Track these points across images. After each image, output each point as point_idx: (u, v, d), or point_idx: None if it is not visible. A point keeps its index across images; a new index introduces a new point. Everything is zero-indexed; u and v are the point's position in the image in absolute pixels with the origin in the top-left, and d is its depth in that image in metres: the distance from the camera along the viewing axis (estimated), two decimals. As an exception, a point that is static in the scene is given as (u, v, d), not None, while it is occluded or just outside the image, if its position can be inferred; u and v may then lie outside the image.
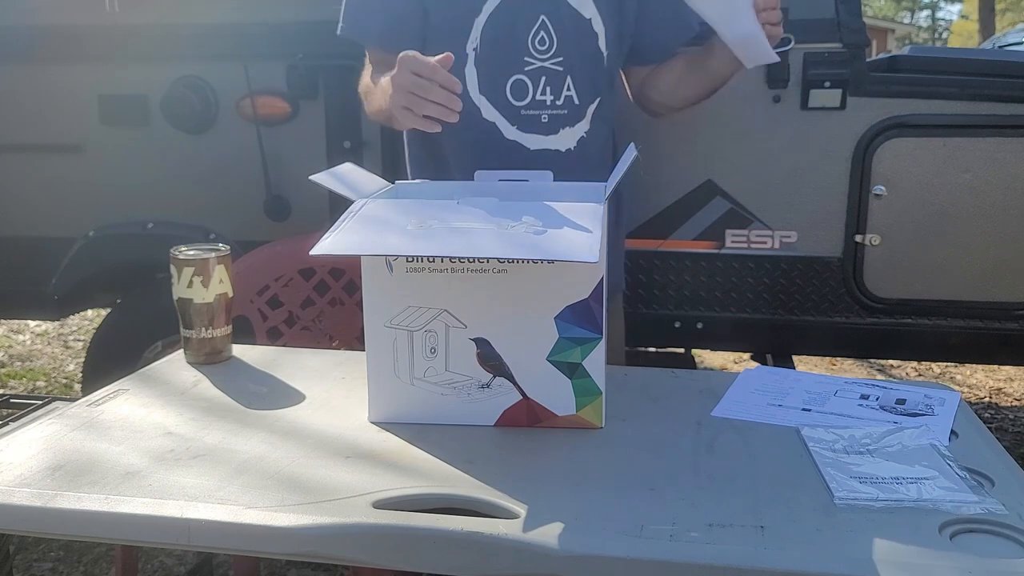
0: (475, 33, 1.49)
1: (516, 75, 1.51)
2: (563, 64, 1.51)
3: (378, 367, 1.10)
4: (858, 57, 2.03)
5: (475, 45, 1.49)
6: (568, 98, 1.53)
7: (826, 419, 1.12)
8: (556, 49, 1.50)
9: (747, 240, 2.13)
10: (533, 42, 1.50)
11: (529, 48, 1.50)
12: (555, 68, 1.51)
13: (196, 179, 2.30)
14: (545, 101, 1.52)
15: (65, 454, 1.00)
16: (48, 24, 2.34)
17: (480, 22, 1.49)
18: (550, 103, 1.53)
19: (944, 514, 0.86)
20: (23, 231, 2.42)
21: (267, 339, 1.89)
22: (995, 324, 2.11)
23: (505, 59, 1.50)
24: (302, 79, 2.20)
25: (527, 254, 0.98)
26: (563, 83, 1.52)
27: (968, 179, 2.03)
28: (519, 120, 1.52)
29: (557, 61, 1.51)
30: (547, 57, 1.50)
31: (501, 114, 1.52)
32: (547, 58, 1.50)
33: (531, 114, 1.52)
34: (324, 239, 0.98)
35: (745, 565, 0.78)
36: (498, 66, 1.51)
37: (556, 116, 1.53)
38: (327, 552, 0.85)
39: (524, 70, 1.50)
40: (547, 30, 1.50)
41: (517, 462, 1.00)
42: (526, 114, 1.52)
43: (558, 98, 1.53)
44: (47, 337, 4.35)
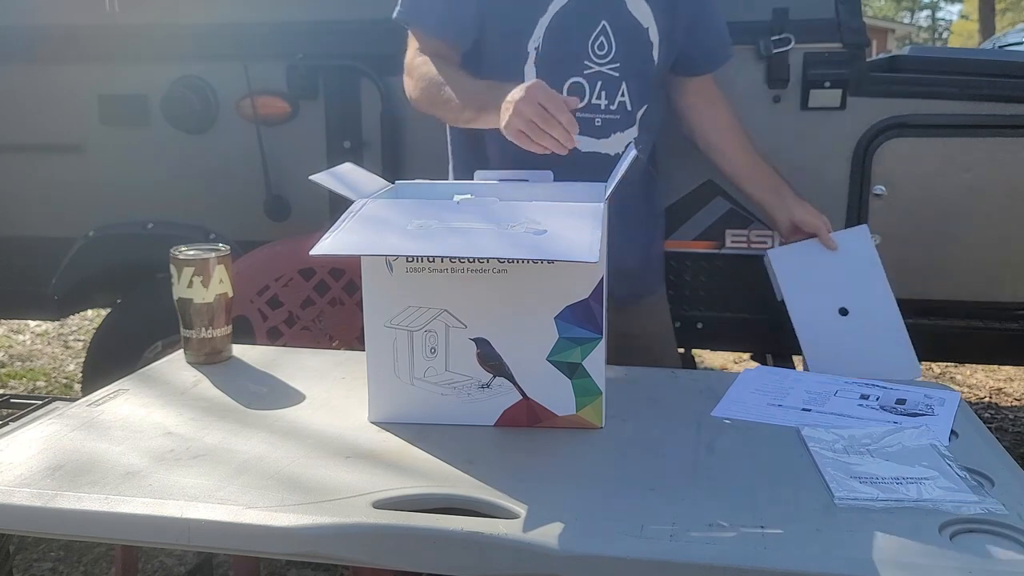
0: (538, 32, 1.49)
1: (575, 77, 1.52)
2: (619, 70, 1.53)
3: (378, 367, 1.10)
4: (858, 57, 2.03)
5: (537, 44, 1.50)
6: (621, 104, 1.55)
7: (826, 419, 1.12)
8: (614, 55, 1.52)
9: (747, 240, 2.13)
10: (593, 46, 1.51)
11: (589, 52, 1.51)
12: (612, 73, 1.53)
13: (196, 179, 2.30)
14: (600, 105, 1.54)
15: (65, 454, 1.00)
16: (48, 24, 2.34)
17: (544, 22, 1.49)
18: (604, 107, 1.54)
19: (944, 514, 0.86)
20: (23, 231, 2.42)
21: (267, 339, 1.89)
22: (995, 324, 2.11)
23: (565, 61, 1.51)
24: (302, 79, 2.20)
25: (527, 254, 0.98)
26: (618, 89, 1.54)
27: (968, 179, 2.03)
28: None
29: (614, 67, 1.53)
30: (605, 62, 1.52)
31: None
32: (605, 63, 1.52)
33: (585, 117, 1.53)
34: (324, 239, 0.98)
35: (745, 565, 0.78)
36: (558, 67, 1.51)
37: (609, 121, 1.55)
38: (327, 552, 0.85)
39: (583, 73, 1.52)
40: (607, 35, 1.51)
41: (517, 462, 1.00)
42: (581, 117, 1.51)
43: (612, 103, 1.55)
44: (47, 337, 4.35)
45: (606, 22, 1.51)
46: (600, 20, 1.50)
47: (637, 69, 1.55)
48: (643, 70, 1.57)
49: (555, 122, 1.23)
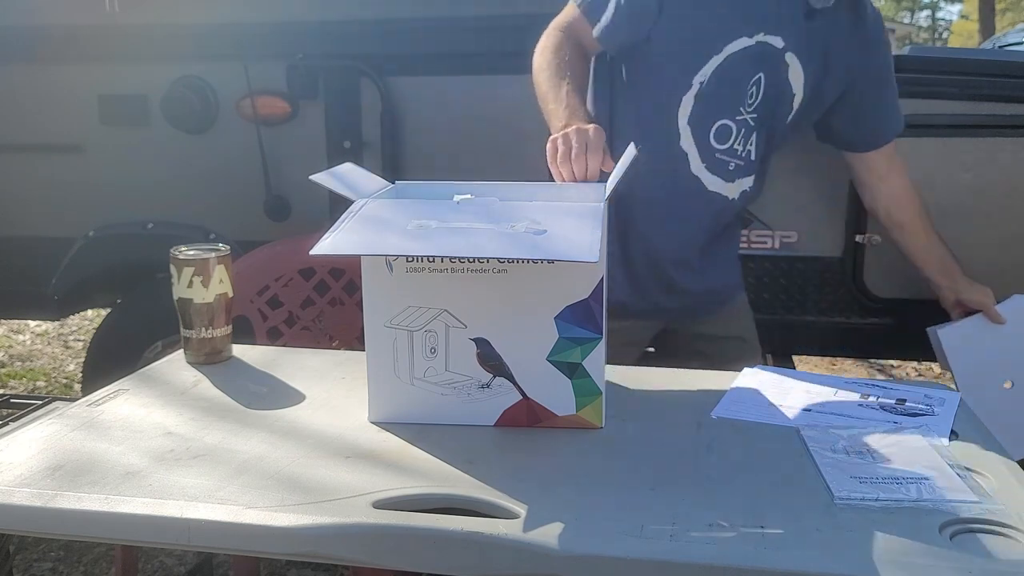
0: (707, 69, 1.52)
1: (726, 119, 1.55)
2: (757, 120, 1.57)
3: (378, 367, 1.10)
4: (858, 57, 2.03)
5: (703, 79, 1.52)
6: (749, 152, 1.59)
7: (826, 419, 1.12)
8: (757, 105, 1.56)
9: (747, 240, 2.13)
10: (747, 94, 1.54)
11: (745, 98, 1.54)
12: (751, 123, 1.57)
13: (196, 179, 2.30)
14: (738, 151, 1.58)
15: (65, 454, 1.00)
16: (48, 24, 2.34)
17: (716, 61, 1.51)
18: (740, 153, 1.58)
19: (944, 514, 0.86)
20: (23, 231, 2.42)
21: (267, 339, 1.89)
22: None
23: (723, 102, 1.54)
24: (302, 79, 2.20)
25: (527, 254, 0.98)
26: (751, 137, 1.58)
27: (968, 179, 2.03)
28: (711, 160, 1.57)
29: (754, 116, 1.56)
30: (750, 111, 1.56)
31: (698, 149, 1.56)
32: (750, 112, 1.56)
33: (723, 159, 1.57)
34: (324, 239, 0.98)
35: (745, 565, 0.78)
36: (715, 106, 1.54)
37: (739, 167, 1.60)
38: (327, 552, 0.85)
39: (735, 118, 1.55)
40: (758, 87, 1.55)
41: (517, 462, 1.00)
42: (720, 157, 1.57)
43: (743, 149, 1.59)
44: (47, 337, 4.35)
45: (763, 74, 1.54)
46: (759, 72, 1.53)
47: (771, 124, 1.60)
48: (775, 127, 1.62)
49: (583, 164, 1.25)
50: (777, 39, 1.52)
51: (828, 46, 1.57)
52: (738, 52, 1.51)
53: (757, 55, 1.52)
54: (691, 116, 1.54)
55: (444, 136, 2.14)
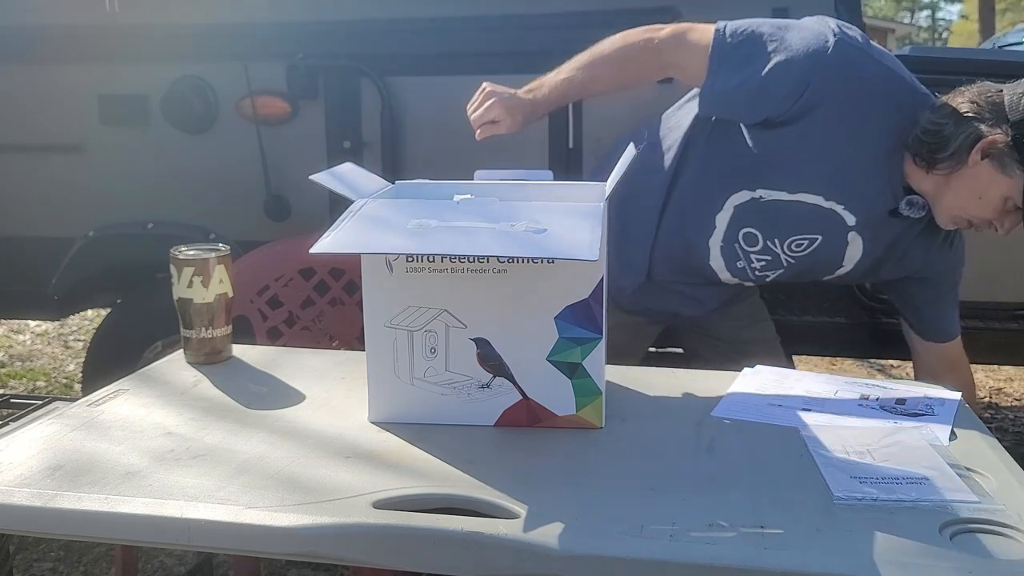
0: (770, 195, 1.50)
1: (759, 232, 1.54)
2: (791, 267, 1.57)
3: (378, 367, 1.10)
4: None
5: (760, 198, 1.50)
6: (765, 276, 1.60)
7: (826, 419, 1.12)
8: (802, 257, 1.55)
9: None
10: (792, 242, 1.53)
11: (786, 240, 1.53)
12: (784, 262, 1.56)
13: (196, 179, 2.30)
14: (755, 267, 1.58)
15: (65, 454, 1.00)
16: (48, 24, 2.34)
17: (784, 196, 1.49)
18: (754, 268, 1.59)
19: (944, 514, 0.86)
20: (23, 231, 2.42)
21: (267, 339, 1.89)
22: (995, 324, 2.11)
23: (766, 225, 1.53)
24: (302, 79, 2.20)
25: (527, 252, 0.98)
26: (775, 270, 1.58)
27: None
28: (728, 249, 1.57)
29: (790, 261, 1.56)
30: (788, 254, 1.55)
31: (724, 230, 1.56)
32: (791, 255, 1.55)
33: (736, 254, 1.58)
34: (324, 238, 0.98)
35: (745, 565, 0.78)
36: (756, 220, 1.53)
37: (747, 273, 1.60)
38: (327, 552, 0.85)
39: (768, 239, 1.54)
40: (812, 244, 1.53)
41: (517, 462, 1.00)
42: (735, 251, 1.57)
43: (761, 272, 1.59)
44: (47, 337, 4.35)
45: (822, 237, 1.52)
46: (819, 234, 1.51)
47: (800, 273, 1.60)
48: (804, 277, 1.63)
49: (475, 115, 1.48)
50: (851, 217, 1.49)
51: (898, 239, 1.54)
52: (809, 204, 1.49)
53: (824, 218, 1.49)
54: (740, 205, 1.53)
55: (444, 136, 2.14)
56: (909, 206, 1.47)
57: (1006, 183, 1.36)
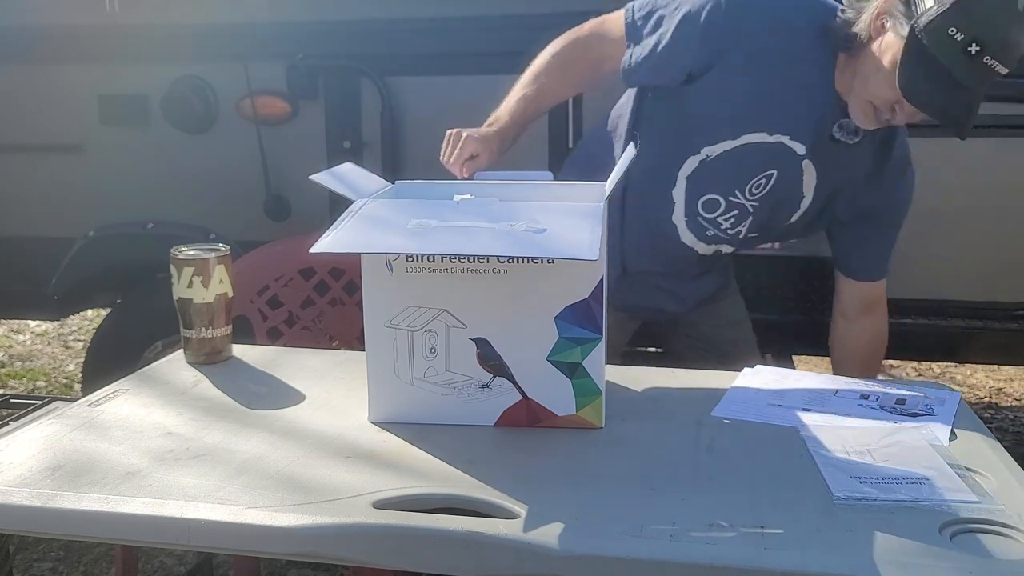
0: (718, 147, 1.50)
1: (715, 195, 1.54)
2: (756, 209, 1.56)
3: (378, 367, 1.10)
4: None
5: (708, 153, 1.51)
6: (739, 232, 1.59)
7: (826, 419, 1.12)
8: (763, 196, 1.54)
9: (747, 240, 2.13)
10: (752, 183, 1.53)
11: (746, 184, 1.53)
12: (749, 208, 1.56)
13: (196, 179, 2.30)
14: (722, 224, 1.58)
15: (65, 454, 1.00)
16: (48, 24, 2.34)
17: (730, 144, 1.49)
18: (725, 228, 1.58)
19: (944, 514, 0.86)
20: (23, 231, 2.42)
21: (267, 339, 1.89)
22: (995, 324, 2.11)
23: (722, 181, 1.53)
24: (302, 79, 2.20)
25: (527, 252, 0.98)
26: (744, 220, 1.57)
27: (968, 179, 2.03)
28: (692, 219, 1.57)
29: (754, 205, 1.55)
30: (751, 199, 1.55)
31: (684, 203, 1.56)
32: (752, 199, 1.55)
33: (703, 224, 1.57)
34: (324, 237, 0.98)
35: (745, 565, 0.78)
36: (713, 180, 1.53)
37: (719, 237, 1.59)
38: (327, 552, 0.85)
39: (728, 197, 1.54)
40: (769, 180, 1.53)
41: (517, 462, 1.00)
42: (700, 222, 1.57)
43: (732, 228, 1.58)
44: (47, 337, 4.35)
45: (776, 172, 1.52)
46: (774, 168, 1.52)
47: (770, 217, 1.59)
48: (774, 223, 1.60)
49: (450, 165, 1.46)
50: (799, 146, 1.49)
51: (849, 173, 1.54)
52: (754, 144, 1.49)
53: (774, 153, 1.50)
54: (691, 175, 1.54)
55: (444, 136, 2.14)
56: (841, 129, 1.47)
57: (896, 43, 1.32)
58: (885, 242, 1.63)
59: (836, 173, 1.53)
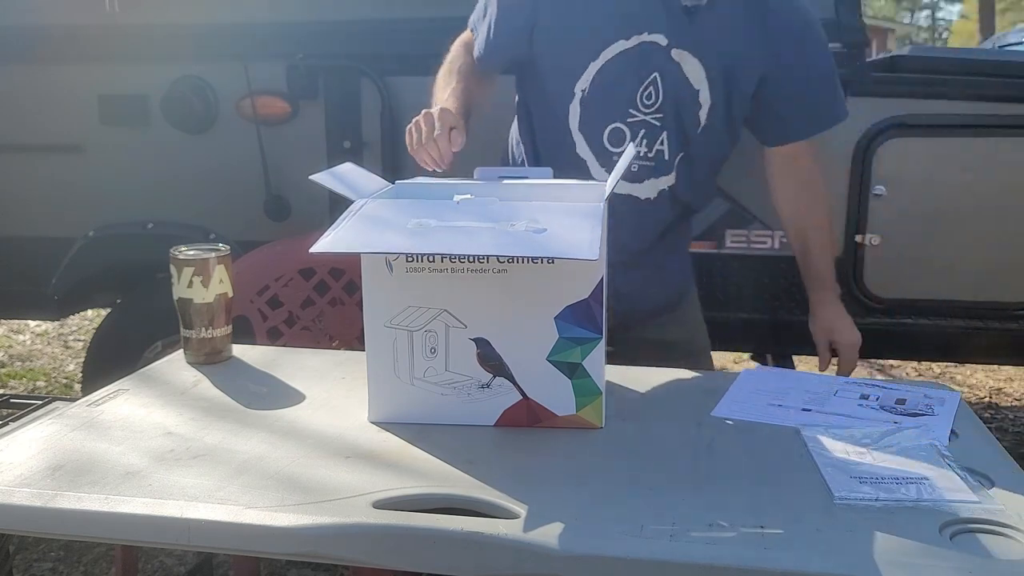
0: (587, 75, 1.50)
1: (616, 123, 1.53)
2: (662, 120, 1.53)
3: (378, 367, 1.10)
4: (858, 57, 2.03)
5: (584, 87, 1.51)
6: (660, 152, 1.55)
7: (826, 419, 1.12)
8: (660, 105, 1.52)
9: (747, 240, 2.13)
10: (641, 96, 1.51)
11: (636, 101, 1.51)
12: (654, 123, 1.53)
13: (196, 179, 2.30)
14: (638, 152, 1.55)
15: (65, 454, 1.00)
16: (48, 24, 2.34)
17: (595, 67, 1.50)
18: (642, 154, 1.55)
19: (944, 514, 0.86)
20: (23, 231, 2.42)
21: (267, 339, 1.89)
22: (995, 324, 2.11)
23: (611, 107, 1.52)
24: (302, 79, 2.20)
25: (527, 252, 0.98)
26: (658, 138, 1.54)
27: (968, 179, 2.03)
28: (610, 164, 1.54)
29: (657, 116, 1.53)
30: (650, 112, 1.52)
31: (594, 154, 1.55)
32: (649, 113, 1.52)
33: (631, 167, 1.54)
34: (324, 237, 0.98)
35: (745, 565, 0.78)
36: (603, 111, 1.52)
37: (644, 167, 1.56)
38: (327, 552, 0.85)
39: (626, 120, 1.52)
40: (656, 86, 1.51)
41: (517, 462, 1.00)
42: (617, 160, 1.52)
43: (650, 151, 1.55)
44: (47, 337, 4.35)
45: (658, 74, 1.51)
46: (652, 72, 1.50)
47: (681, 124, 1.55)
48: (688, 127, 1.56)
49: (433, 145, 1.35)
50: (659, 37, 1.47)
51: (725, 42, 1.50)
52: (617, 56, 1.48)
53: (641, 56, 1.48)
54: (581, 123, 1.53)
55: None
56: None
57: None
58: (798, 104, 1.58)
59: (712, 50, 1.50)
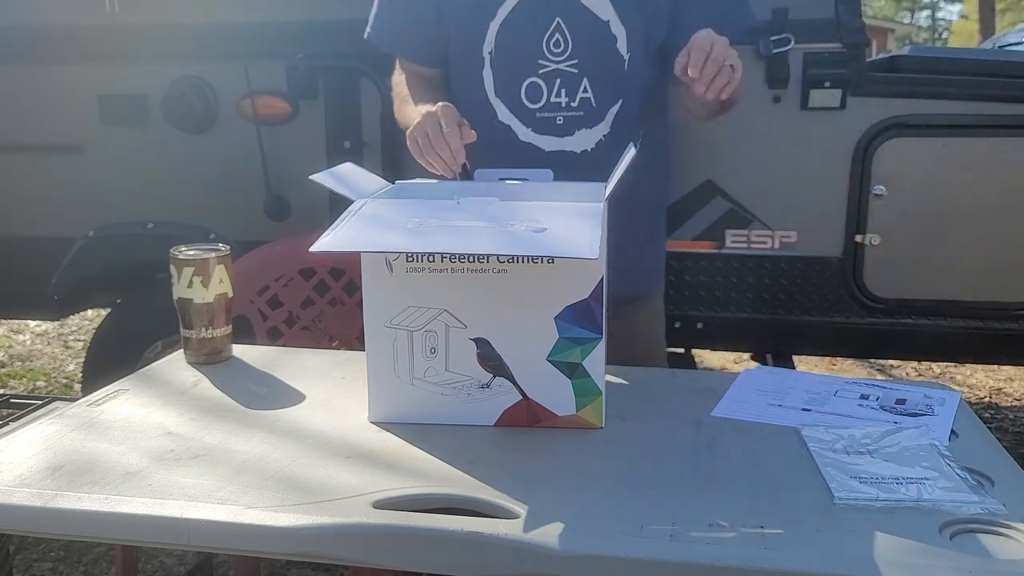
0: (490, 37, 1.50)
1: (531, 78, 1.51)
2: (578, 66, 1.50)
3: (378, 367, 1.10)
4: (858, 57, 2.03)
5: (490, 49, 1.50)
6: (585, 100, 1.52)
7: (826, 419, 1.12)
8: (571, 51, 1.49)
9: (747, 240, 2.13)
10: (548, 44, 1.49)
11: (543, 51, 1.49)
12: (570, 70, 1.50)
13: (196, 179, 2.30)
14: (560, 103, 1.52)
15: (65, 454, 1.00)
16: (48, 24, 2.34)
17: (495, 26, 1.49)
18: (565, 105, 1.52)
19: (944, 514, 0.86)
20: (23, 231, 2.42)
21: (267, 339, 1.89)
22: (995, 324, 2.11)
23: (519, 62, 1.50)
24: (302, 79, 2.20)
25: (527, 251, 0.98)
26: (579, 85, 1.51)
27: (968, 179, 2.03)
28: (534, 122, 1.52)
29: (572, 63, 1.50)
30: (562, 59, 1.50)
31: (516, 116, 1.52)
32: (562, 60, 1.50)
33: (546, 116, 1.52)
34: (324, 237, 0.98)
35: (745, 565, 0.78)
36: (513, 69, 1.51)
37: (571, 118, 1.53)
38: (327, 552, 0.85)
39: (538, 73, 1.50)
40: (562, 32, 1.49)
41: (517, 462, 1.00)
42: (541, 116, 1.52)
43: (573, 100, 1.52)
44: (47, 337, 4.35)
45: (560, 19, 1.48)
46: (554, 17, 1.48)
47: (601, 64, 1.50)
48: (609, 65, 1.51)
49: (443, 144, 1.30)
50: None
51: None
52: (516, 8, 1.47)
53: (539, 3, 1.47)
54: (496, 88, 1.51)
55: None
56: None
57: None
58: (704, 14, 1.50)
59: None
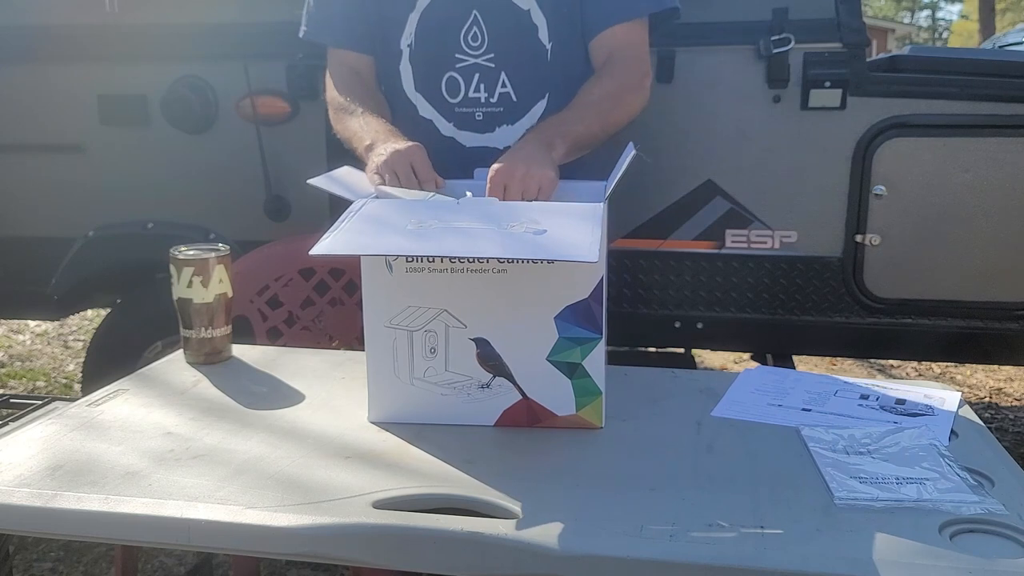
0: (409, 29, 1.49)
1: (449, 72, 1.49)
2: (495, 60, 1.47)
3: (378, 367, 1.10)
4: (858, 57, 2.03)
5: (409, 41, 1.49)
6: (504, 95, 1.49)
7: (826, 419, 1.12)
8: (488, 45, 1.47)
9: (747, 240, 2.13)
10: (466, 39, 1.47)
11: (461, 45, 1.47)
12: (487, 65, 1.47)
13: (196, 179, 2.30)
14: (478, 99, 1.49)
15: (65, 454, 1.00)
16: (48, 24, 2.34)
17: (414, 18, 1.48)
18: (484, 100, 1.49)
19: (944, 514, 0.86)
20: (23, 231, 2.42)
21: (267, 339, 1.89)
22: (995, 324, 2.11)
23: (437, 56, 1.49)
24: (302, 79, 2.20)
25: (527, 254, 0.98)
26: (497, 80, 1.48)
27: (968, 179, 2.03)
28: (454, 117, 1.50)
29: (489, 58, 1.47)
30: (480, 54, 1.47)
31: (437, 111, 1.51)
32: (480, 55, 1.47)
33: (465, 111, 1.50)
34: (324, 239, 0.98)
35: (745, 565, 0.78)
36: (431, 63, 1.49)
37: (491, 114, 1.50)
38: (327, 552, 0.85)
39: (456, 67, 1.48)
40: (479, 26, 1.46)
41: (517, 462, 1.00)
42: (460, 111, 1.50)
43: (492, 95, 1.49)
44: (47, 337, 4.35)
45: (477, 12, 1.46)
46: (471, 11, 1.46)
47: (521, 57, 1.47)
48: (531, 58, 1.47)
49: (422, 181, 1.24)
50: None
51: None
52: (432, 2, 1.46)
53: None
54: (416, 83, 1.50)
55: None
56: None
57: None
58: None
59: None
